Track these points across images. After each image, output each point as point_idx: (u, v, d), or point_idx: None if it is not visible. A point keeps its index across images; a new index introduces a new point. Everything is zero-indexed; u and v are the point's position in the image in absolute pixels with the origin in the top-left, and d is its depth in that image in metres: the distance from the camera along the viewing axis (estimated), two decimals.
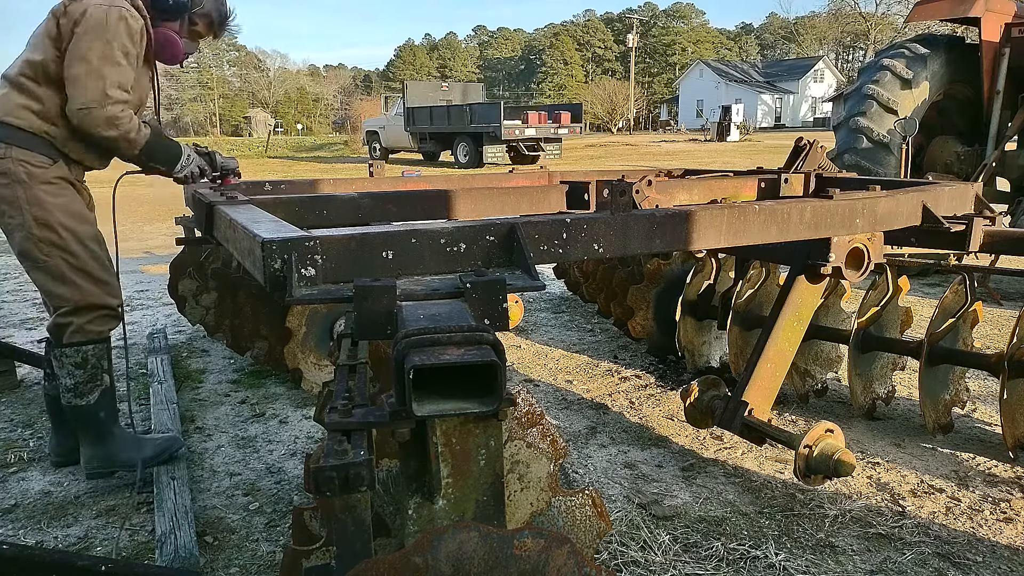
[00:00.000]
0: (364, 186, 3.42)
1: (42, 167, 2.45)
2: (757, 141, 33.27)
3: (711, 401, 2.77)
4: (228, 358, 4.22)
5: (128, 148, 2.51)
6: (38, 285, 2.57)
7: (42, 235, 2.46)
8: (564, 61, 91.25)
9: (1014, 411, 2.80)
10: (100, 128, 2.40)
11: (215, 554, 2.27)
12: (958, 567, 2.15)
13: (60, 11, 2.42)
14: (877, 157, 5.82)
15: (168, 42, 2.65)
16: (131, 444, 2.70)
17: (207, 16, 2.74)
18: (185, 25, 2.70)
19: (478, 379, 1.19)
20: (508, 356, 2.18)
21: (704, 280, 3.62)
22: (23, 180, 2.43)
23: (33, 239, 2.46)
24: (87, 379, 2.60)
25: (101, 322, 2.61)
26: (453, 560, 1.10)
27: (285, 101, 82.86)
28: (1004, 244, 2.81)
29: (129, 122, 2.44)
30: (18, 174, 2.42)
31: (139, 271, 7.06)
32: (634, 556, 2.20)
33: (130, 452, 2.68)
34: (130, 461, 2.66)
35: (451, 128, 23.23)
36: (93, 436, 2.67)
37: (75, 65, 2.37)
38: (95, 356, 2.61)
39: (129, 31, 2.43)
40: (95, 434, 2.66)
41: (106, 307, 2.61)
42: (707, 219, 2.10)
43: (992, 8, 5.83)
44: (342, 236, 1.58)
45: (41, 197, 2.45)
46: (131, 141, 2.48)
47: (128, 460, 2.66)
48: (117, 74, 2.40)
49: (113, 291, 2.64)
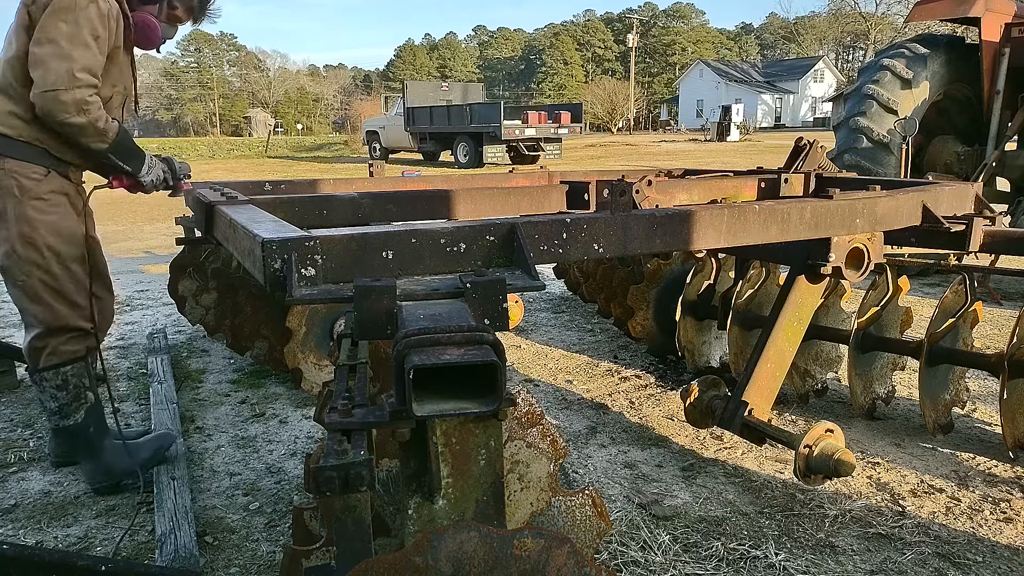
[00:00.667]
0: (364, 186, 3.42)
1: (35, 180, 2.38)
2: (757, 141, 33.28)
3: (711, 401, 2.77)
4: (228, 358, 4.22)
5: (98, 140, 2.36)
6: (12, 299, 2.52)
7: (25, 254, 2.41)
8: (564, 61, 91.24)
9: (1014, 411, 2.80)
10: (68, 113, 2.24)
11: (215, 554, 2.27)
12: (958, 567, 2.15)
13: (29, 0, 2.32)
14: (877, 157, 5.82)
15: (145, 25, 2.54)
16: (121, 451, 2.65)
17: (187, 1, 2.64)
18: (164, 9, 2.61)
19: (478, 379, 1.20)
20: (508, 356, 2.18)
21: (704, 280, 3.62)
22: (14, 194, 2.36)
23: (15, 256, 2.41)
24: (71, 399, 2.57)
25: (75, 342, 2.55)
26: (453, 560, 1.10)
27: (285, 101, 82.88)
28: (1004, 244, 2.81)
29: (99, 109, 2.31)
30: (10, 187, 2.35)
31: (139, 271, 7.07)
32: (634, 556, 2.20)
33: (122, 461, 2.63)
34: (130, 468, 2.62)
35: (451, 128, 23.24)
36: (87, 452, 2.64)
37: (41, 46, 2.24)
38: (75, 376, 2.56)
39: (100, 14, 2.31)
40: (88, 450, 2.64)
41: (78, 329, 2.54)
42: (707, 219, 2.10)
43: (992, 8, 5.83)
44: (342, 236, 1.58)
45: (30, 215, 2.38)
46: (101, 131, 2.34)
47: (127, 468, 2.62)
48: (86, 57, 2.27)
49: (85, 314, 2.55)
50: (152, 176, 2.61)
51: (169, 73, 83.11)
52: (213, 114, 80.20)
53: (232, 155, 33.12)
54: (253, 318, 3.85)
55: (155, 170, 2.62)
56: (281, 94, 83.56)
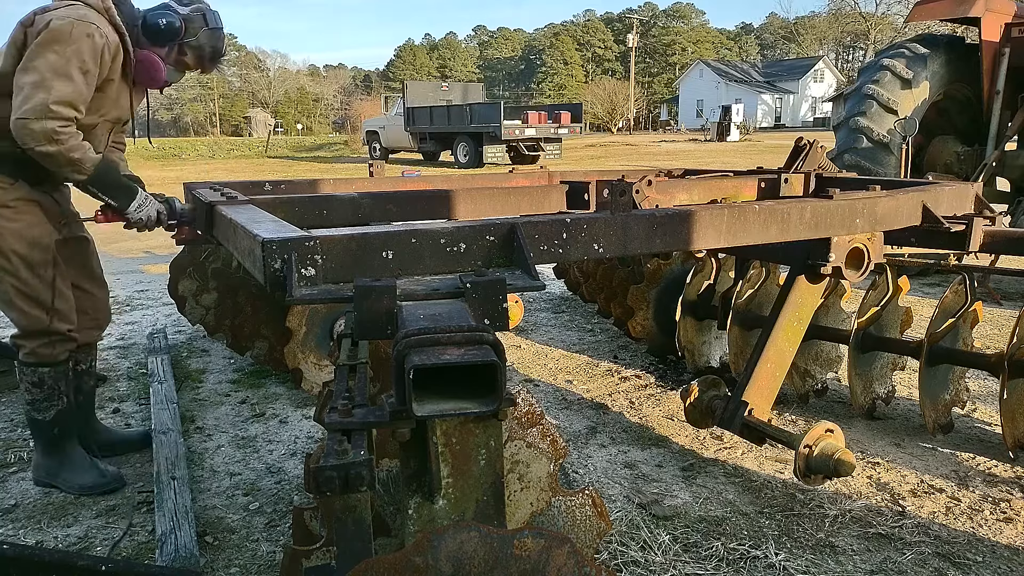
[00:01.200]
0: (364, 186, 3.42)
1: (2, 188, 2.40)
2: (757, 141, 33.27)
3: (711, 401, 2.77)
4: (228, 358, 4.22)
5: (72, 170, 2.37)
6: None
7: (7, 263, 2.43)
8: (564, 61, 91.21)
9: (1014, 411, 2.80)
10: (37, 142, 2.26)
11: (215, 554, 2.27)
12: (958, 567, 2.15)
13: (28, 21, 2.34)
14: (877, 157, 5.82)
15: (149, 64, 2.55)
16: (78, 466, 2.69)
17: (199, 49, 2.62)
18: (173, 53, 2.61)
19: (478, 379, 1.20)
20: (508, 356, 2.18)
21: (704, 280, 3.62)
22: None
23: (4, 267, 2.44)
24: (44, 398, 2.62)
25: (51, 346, 2.58)
26: (453, 560, 1.10)
27: (285, 101, 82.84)
28: (1004, 244, 2.81)
29: (71, 139, 2.30)
30: None
31: (139, 271, 7.07)
32: (634, 556, 2.20)
33: (72, 475, 2.67)
34: (69, 483, 2.66)
35: (451, 128, 23.22)
36: (43, 447, 2.70)
37: (25, 74, 2.27)
38: (51, 378, 2.61)
39: (93, 48, 2.32)
40: (46, 446, 2.69)
41: (55, 332, 2.57)
42: (707, 219, 2.10)
43: (992, 8, 5.83)
44: (342, 236, 1.59)
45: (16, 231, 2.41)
46: (74, 162, 2.33)
47: (67, 481, 2.67)
48: (66, 89, 2.27)
49: (63, 316, 2.58)
50: (142, 215, 2.57)
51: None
52: (213, 114, 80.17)
53: (232, 155, 33.11)
54: (253, 318, 3.86)
55: (147, 209, 2.58)
56: (281, 94, 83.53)
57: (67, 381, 2.66)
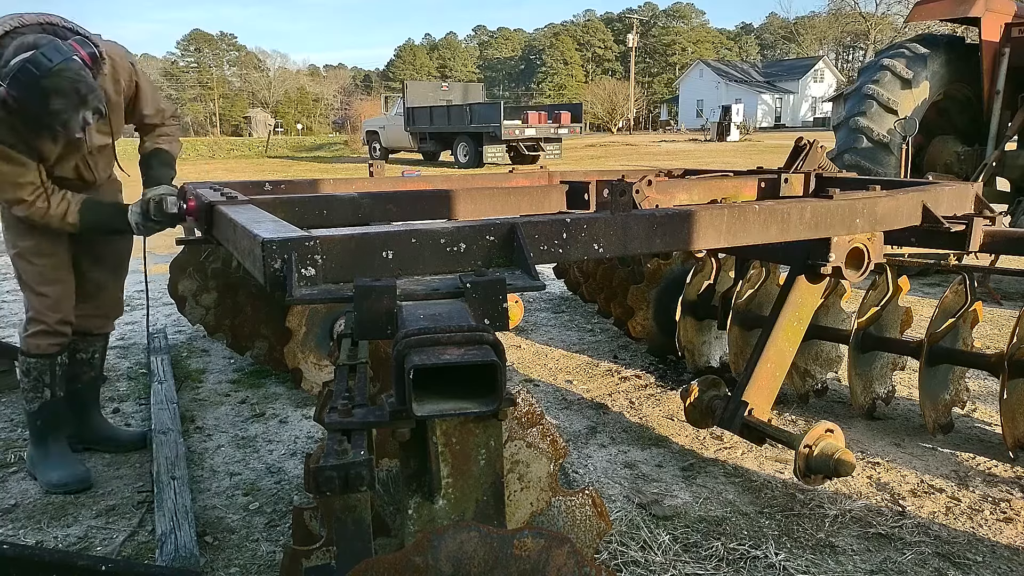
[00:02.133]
0: (364, 186, 3.41)
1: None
2: (757, 141, 33.27)
3: (711, 401, 2.77)
4: (228, 358, 4.22)
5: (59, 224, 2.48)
6: None
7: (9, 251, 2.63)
8: (564, 61, 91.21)
9: (1014, 411, 2.80)
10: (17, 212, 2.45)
11: (215, 554, 2.27)
12: (958, 567, 2.15)
13: None
14: (877, 157, 5.82)
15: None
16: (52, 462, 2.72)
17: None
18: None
19: (478, 379, 1.19)
20: (508, 356, 2.18)
21: (704, 280, 3.62)
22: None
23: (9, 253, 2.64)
24: (30, 388, 2.69)
25: (40, 337, 2.63)
26: (453, 560, 1.10)
27: (285, 101, 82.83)
28: (1004, 244, 2.81)
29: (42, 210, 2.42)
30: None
31: (139, 271, 7.06)
32: (634, 556, 2.20)
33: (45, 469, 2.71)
34: (41, 477, 2.71)
35: (451, 128, 23.22)
36: (31, 438, 2.80)
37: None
38: (36, 370, 2.67)
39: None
40: (31, 437, 2.78)
41: (43, 322, 2.61)
42: (707, 219, 2.10)
43: (992, 8, 5.83)
44: (342, 236, 1.58)
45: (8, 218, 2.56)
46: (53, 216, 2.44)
47: (40, 475, 2.72)
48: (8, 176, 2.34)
49: (54, 306, 2.61)
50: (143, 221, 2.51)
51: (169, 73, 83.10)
52: (213, 114, 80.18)
53: (232, 155, 33.11)
54: (253, 318, 3.85)
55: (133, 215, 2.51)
56: (281, 94, 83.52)
57: (53, 375, 2.69)
